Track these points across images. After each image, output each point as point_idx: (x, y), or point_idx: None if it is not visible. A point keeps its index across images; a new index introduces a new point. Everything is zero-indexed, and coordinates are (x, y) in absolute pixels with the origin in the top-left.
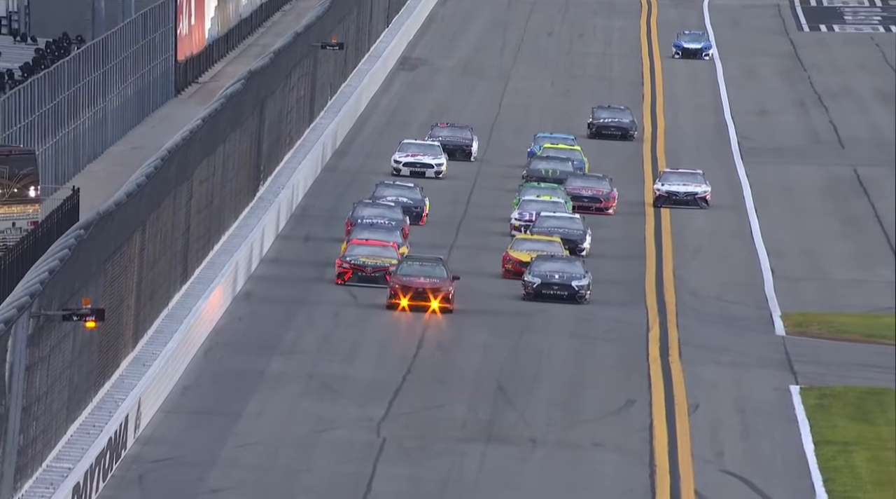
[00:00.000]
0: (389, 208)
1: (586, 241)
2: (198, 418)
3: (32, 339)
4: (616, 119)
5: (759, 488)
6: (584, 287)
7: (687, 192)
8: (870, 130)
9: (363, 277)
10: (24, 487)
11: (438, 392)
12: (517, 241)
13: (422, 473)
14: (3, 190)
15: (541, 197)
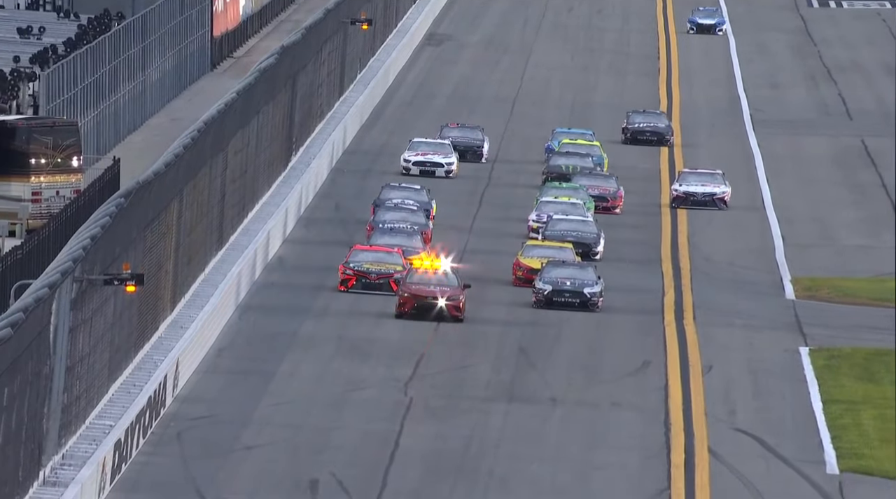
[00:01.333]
0: (412, 212)
1: (600, 244)
2: (233, 378)
3: (75, 302)
4: (652, 124)
5: (769, 445)
6: (596, 294)
7: (705, 192)
8: (877, 103)
9: (367, 283)
10: (68, 443)
11: (462, 354)
12: (528, 247)
13: (447, 430)
14: (47, 160)
15: (559, 198)
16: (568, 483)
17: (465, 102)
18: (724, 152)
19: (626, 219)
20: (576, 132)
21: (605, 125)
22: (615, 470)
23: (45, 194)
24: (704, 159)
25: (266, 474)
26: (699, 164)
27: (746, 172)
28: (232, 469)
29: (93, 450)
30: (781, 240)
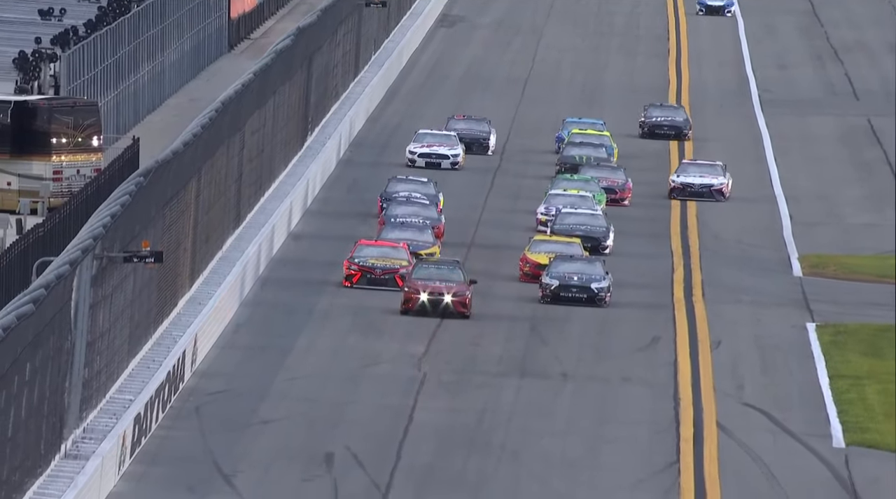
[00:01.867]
0: (424, 207)
1: (609, 238)
2: (250, 353)
3: (96, 279)
4: (669, 118)
5: (777, 419)
6: (604, 289)
7: (703, 184)
8: (882, 83)
9: (372, 279)
10: (89, 417)
11: (475, 331)
12: (535, 242)
13: (460, 404)
14: (68, 139)
15: (568, 191)
16: (578, 456)
17: (478, 83)
18: (732, 132)
19: (636, 199)
20: (586, 122)
21: (616, 105)
22: (625, 443)
23: (66, 173)
24: (713, 139)
25: (282, 447)
26: (708, 143)
27: (754, 152)
28: (249, 442)
29: (113, 424)
30: (788, 218)
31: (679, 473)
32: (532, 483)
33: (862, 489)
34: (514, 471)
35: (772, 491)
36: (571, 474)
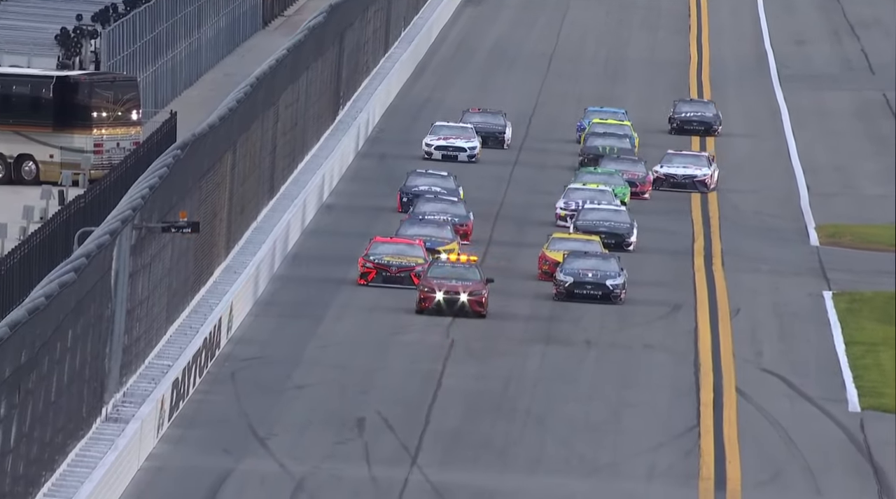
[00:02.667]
0: (452, 204)
1: (633, 235)
2: (283, 321)
3: (135, 249)
4: (699, 113)
5: (794, 384)
6: (619, 286)
7: (685, 174)
8: None
9: (388, 277)
10: (129, 382)
11: (501, 301)
12: (554, 240)
13: (487, 371)
14: (108, 113)
15: (588, 185)
16: (602, 421)
17: (504, 58)
18: (751, 106)
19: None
20: (607, 111)
21: (638, 79)
22: (647, 408)
23: (107, 146)
24: (733, 113)
25: (315, 411)
26: (729, 118)
27: (773, 125)
28: (283, 407)
29: (152, 388)
30: (806, 189)
31: (699, 436)
32: (557, 447)
33: (877, 452)
34: (539, 435)
35: (789, 454)
36: (595, 437)
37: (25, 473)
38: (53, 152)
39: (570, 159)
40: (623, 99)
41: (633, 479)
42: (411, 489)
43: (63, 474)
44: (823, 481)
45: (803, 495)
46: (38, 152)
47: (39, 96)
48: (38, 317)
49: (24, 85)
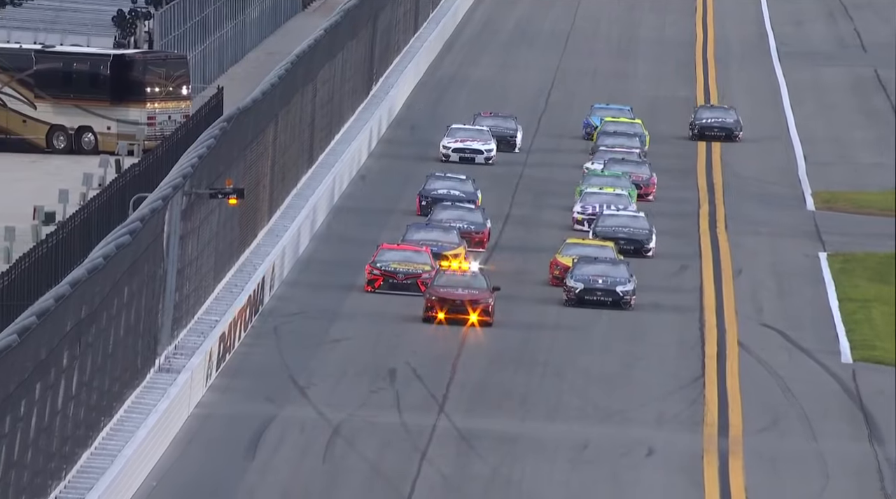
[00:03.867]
0: (469, 211)
1: (652, 241)
2: (322, 280)
3: (185, 213)
4: (720, 119)
5: (791, 338)
6: (629, 292)
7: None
8: (889, 36)
9: (394, 284)
10: (180, 335)
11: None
12: (567, 245)
13: (508, 329)
14: (160, 89)
15: (603, 189)
16: (614, 373)
17: (525, 37)
18: (753, 82)
19: (663, 147)
20: (613, 108)
21: (648, 57)
22: (656, 361)
23: (159, 119)
24: (736, 89)
25: (350, 362)
26: (732, 92)
27: (772, 100)
28: (321, 358)
29: (201, 341)
30: (803, 158)
31: (704, 386)
32: (573, 397)
33: (868, 400)
34: (556, 385)
35: (787, 402)
36: (608, 388)
37: (86, 418)
38: (111, 124)
39: (582, 154)
40: (633, 75)
41: (643, 425)
42: (439, 435)
43: (120, 420)
44: (818, 427)
45: (800, 440)
46: (97, 124)
47: (98, 73)
48: (97, 276)
49: (84, 62)
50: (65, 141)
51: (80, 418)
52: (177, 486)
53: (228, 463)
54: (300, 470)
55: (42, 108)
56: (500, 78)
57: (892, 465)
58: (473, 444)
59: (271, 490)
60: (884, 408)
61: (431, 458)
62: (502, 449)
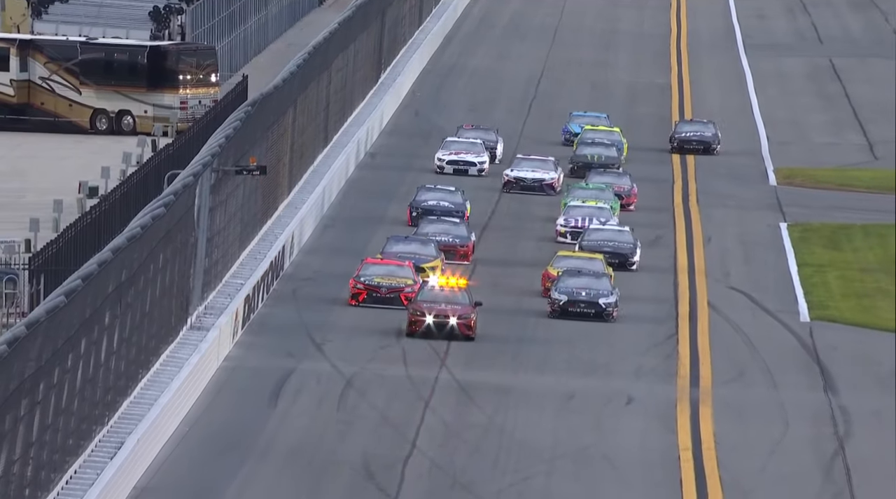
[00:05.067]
0: (455, 225)
1: (636, 254)
2: (335, 249)
3: (214, 187)
4: (699, 133)
5: (755, 299)
6: (611, 305)
7: (534, 178)
8: (842, 30)
9: (377, 298)
10: (209, 297)
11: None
12: (558, 258)
13: (502, 289)
14: (191, 76)
15: (587, 202)
16: (597, 330)
17: (518, 30)
18: (721, 70)
19: (643, 129)
20: (591, 115)
21: (628, 48)
22: (634, 320)
23: (190, 103)
24: (706, 77)
25: (362, 322)
26: (702, 81)
27: (739, 86)
28: (335, 318)
29: (228, 302)
30: (766, 138)
31: (677, 342)
32: (560, 350)
33: (823, 355)
34: (545, 342)
35: (751, 356)
36: (591, 343)
37: (126, 370)
38: (147, 108)
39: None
40: (615, 64)
41: (623, 377)
42: (441, 386)
43: (156, 372)
44: (779, 378)
45: (762, 390)
46: (135, 108)
47: (136, 62)
48: (135, 243)
49: (124, 53)
50: (106, 123)
51: (120, 370)
52: (206, 431)
53: (253, 411)
54: (317, 417)
55: (86, 93)
56: (496, 67)
57: (844, 412)
58: (472, 394)
59: (291, 435)
60: (837, 361)
61: (434, 407)
62: (497, 399)
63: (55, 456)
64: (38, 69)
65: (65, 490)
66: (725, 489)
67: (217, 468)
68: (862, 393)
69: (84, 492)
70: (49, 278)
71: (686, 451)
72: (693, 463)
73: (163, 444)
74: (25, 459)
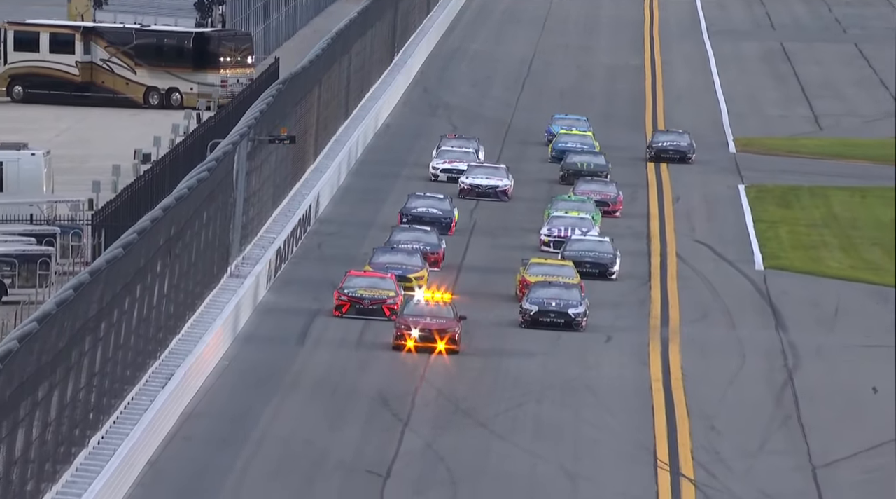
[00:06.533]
0: (426, 233)
1: (616, 264)
2: (357, 205)
3: (250, 155)
4: (674, 142)
5: (717, 250)
6: (580, 315)
7: (489, 185)
8: (792, 18)
9: (361, 309)
10: (246, 249)
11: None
12: (531, 264)
13: (497, 250)
14: (230, 58)
15: (569, 213)
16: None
17: (513, 18)
18: (688, 53)
19: (619, 101)
20: (571, 118)
21: (608, 33)
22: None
23: (230, 82)
24: (676, 59)
25: None
26: (673, 63)
27: (703, 67)
28: (356, 268)
29: (262, 254)
30: (727, 112)
31: (650, 288)
32: None
33: (775, 298)
34: None
35: (713, 300)
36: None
37: (175, 312)
38: (193, 86)
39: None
40: (596, 48)
41: (603, 319)
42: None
43: (201, 314)
44: (737, 319)
45: (723, 328)
46: (182, 86)
47: (183, 46)
48: (183, 203)
49: (173, 38)
50: (157, 99)
51: (170, 311)
52: (244, 365)
53: (283, 348)
54: (338, 355)
55: (140, 73)
56: (493, 50)
57: (793, 348)
58: (471, 331)
59: (316, 369)
60: (787, 304)
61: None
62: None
63: (115, 385)
64: (99, 52)
65: (123, 415)
66: (691, 415)
67: (253, 397)
68: (808, 331)
69: (139, 416)
70: (108, 233)
71: (657, 382)
72: (663, 392)
73: (206, 375)
74: (90, 387)
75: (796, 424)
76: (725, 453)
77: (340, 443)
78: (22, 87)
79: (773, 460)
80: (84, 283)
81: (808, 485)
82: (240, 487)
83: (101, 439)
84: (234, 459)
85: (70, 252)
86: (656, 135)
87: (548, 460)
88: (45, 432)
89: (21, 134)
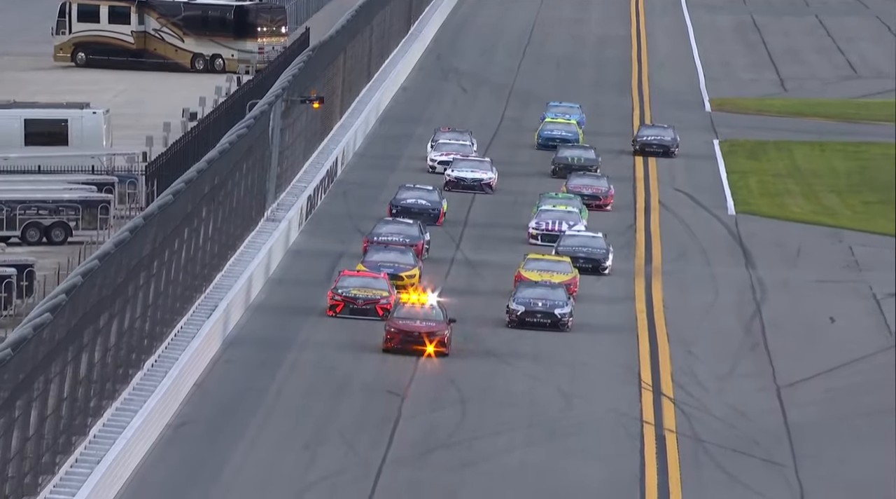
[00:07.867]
0: (408, 225)
1: (609, 259)
2: (376, 160)
3: (284, 113)
4: (658, 137)
5: (695, 198)
6: (566, 315)
7: (474, 178)
8: None
9: (354, 309)
10: (280, 196)
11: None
12: (528, 260)
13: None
14: (266, 28)
15: (557, 207)
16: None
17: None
18: (669, 26)
19: (610, 68)
20: (564, 105)
21: (598, 7)
22: (600, 216)
23: (266, 49)
24: (659, 31)
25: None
26: (657, 34)
27: (682, 37)
28: (376, 212)
29: (294, 200)
30: (703, 75)
31: (635, 232)
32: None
33: (746, 239)
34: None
35: (691, 241)
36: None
37: (219, 252)
38: (234, 53)
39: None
40: (588, 20)
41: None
42: (457, 263)
43: (241, 254)
44: (712, 258)
45: (699, 266)
46: (225, 53)
47: (225, 18)
48: (225, 156)
49: (216, 10)
50: (203, 64)
51: (214, 251)
52: (279, 298)
53: (313, 284)
54: None
55: (188, 41)
56: (498, 21)
57: (760, 283)
58: (478, 270)
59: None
60: (756, 245)
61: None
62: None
63: (166, 315)
64: (151, 23)
65: (173, 342)
66: (671, 341)
67: (289, 324)
68: (774, 268)
69: (188, 342)
70: (160, 182)
71: (642, 313)
72: (647, 322)
73: (245, 307)
74: (144, 317)
75: (763, 349)
76: (701, 375)
77: (363, 368)
78: (84, 54)
79: (743, 382)
80: (139, 226)
81: (774, 403)
82: (275, 404)
83: (154, 363)
84: (271, 381)
85: (126, 199)
86: (642, 129)
87: (545, 382)
88: (105, 355)
89: (84, 95)
